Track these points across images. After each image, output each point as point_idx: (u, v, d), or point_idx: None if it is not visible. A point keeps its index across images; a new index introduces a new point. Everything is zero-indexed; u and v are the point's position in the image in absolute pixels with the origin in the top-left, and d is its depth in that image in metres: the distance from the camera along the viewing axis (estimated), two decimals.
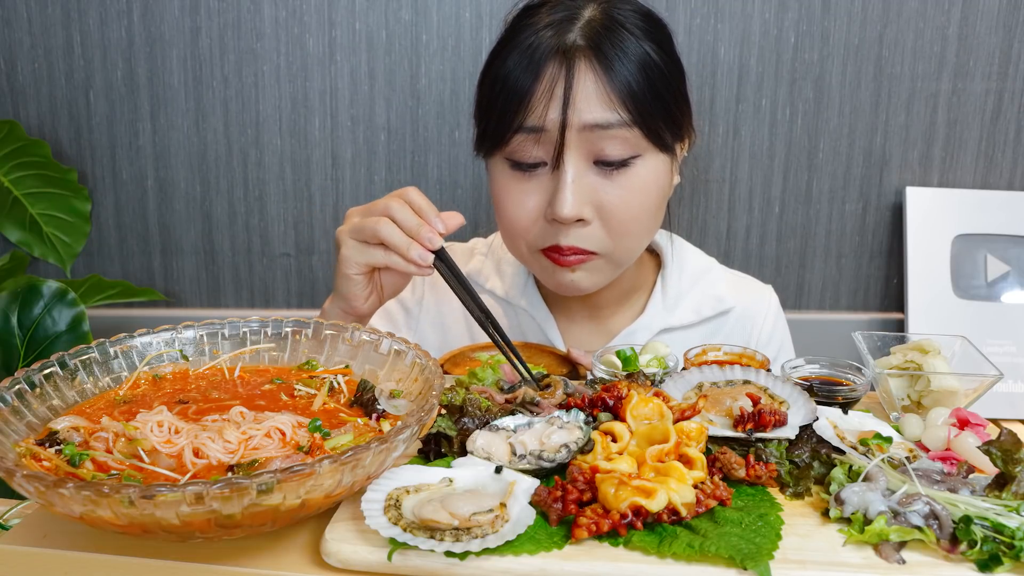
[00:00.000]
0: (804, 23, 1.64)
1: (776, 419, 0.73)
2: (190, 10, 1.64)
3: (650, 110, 0.98)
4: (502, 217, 1.06)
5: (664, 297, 1.20)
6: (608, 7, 1.00)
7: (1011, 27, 1.64)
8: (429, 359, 0.76)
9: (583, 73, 0.96)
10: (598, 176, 0.99)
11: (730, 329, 1.22)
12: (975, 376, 0.83)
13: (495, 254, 1.26)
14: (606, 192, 0.99)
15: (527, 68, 0.97)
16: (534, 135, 0.98)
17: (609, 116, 0.96)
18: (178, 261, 1.79)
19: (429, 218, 0.91)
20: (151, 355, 0.82)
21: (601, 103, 0.96)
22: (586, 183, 0.99)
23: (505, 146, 1.00)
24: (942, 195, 1.71)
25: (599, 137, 0.97)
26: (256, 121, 1.70)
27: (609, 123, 0.96)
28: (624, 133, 0.97)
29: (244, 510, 0.55)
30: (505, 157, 1.02)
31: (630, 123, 0.97)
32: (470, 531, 0.59)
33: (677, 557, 0.59)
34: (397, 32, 1.66)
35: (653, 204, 1.04)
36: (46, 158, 1.68)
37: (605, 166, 0.99)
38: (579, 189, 0.98)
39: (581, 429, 0.72)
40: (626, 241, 1.03)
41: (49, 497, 0.55)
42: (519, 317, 1.21)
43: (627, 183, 1.00)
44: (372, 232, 0.91)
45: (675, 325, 1.19)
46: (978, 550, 0.59)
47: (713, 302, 1.21)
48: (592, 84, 0.96)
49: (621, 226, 1.01)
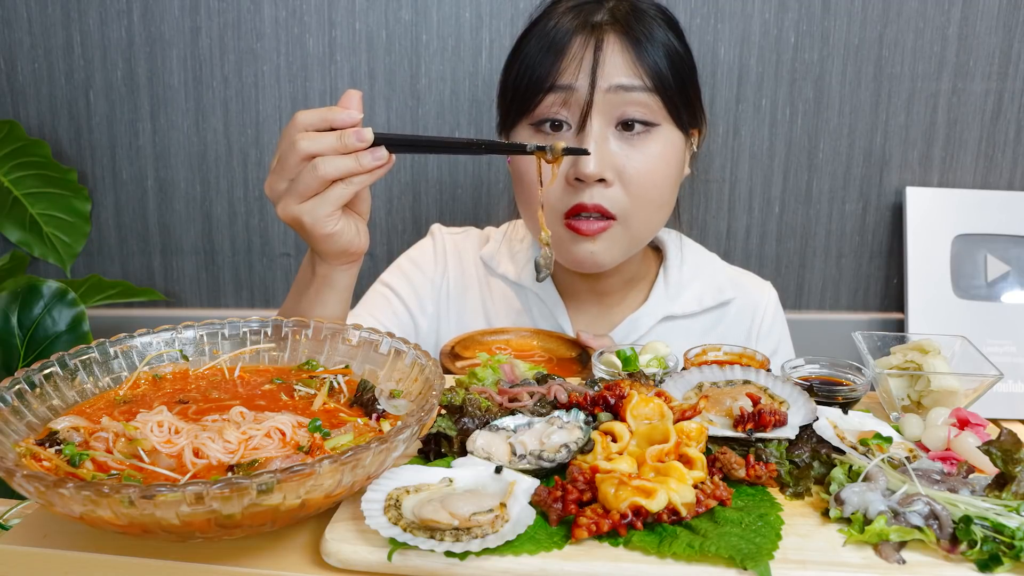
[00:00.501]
0: (804, 23, 1.64)
1: (776, 419, 0.73)
2: (190, 10, 1.64)
3: (671, 84, 1.05)
4: (524, 183, 1.09)
5: (667, 286, 1.24)
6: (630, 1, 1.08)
7: (1011, 27, 1.64)
8: (429, 359, 0.76)
9: (612, 43, 1.04)
10: (620, 141, 1.05)
11: (731, 320, 1.26)
12: (975, 376, 0.83)
13: (509, 241, 1.29)
14: (627, 156, 1.05)
15: (558, 39, 1.04)
16: (562, 95, 1.04)
17: (634, 80, 1.03)
18: (178, 261, 1.79)
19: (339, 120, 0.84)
20: (151, 355, 0.82)
21: (627, 69, 1.03)
22: (609, 146, 1.04)
23: (533, 110, 1.06)
24: (942, 195, 1.71)
25: (623, 100, 1.03)
26: (256, 121, 1.70)
27: (633, 86, 1.03)
28: (646, 99, 1.04)
29: (244, 510, 0.55)
30: (530, 123, 1.08)
31: (652, 90, 1.04)
32: (470, 531, 0.59)
33: (677, 557, 0.59)
34: (397, 32, 1.66)
35: (670, 175, 1.09)
36: (46, 158, 1.68)
37: (626, 130, 1.05)
38: (601, 149, 1.03)
39: (581, 429, 0.72)
40: (642, 208, 1.08)
41: (49, 497, 0.55)
42: (529, 301, 1.24)
43: (647, 149, 1.05)
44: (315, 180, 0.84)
45: (677, 313, 1.23)
46: (978, 550, 0.59)
47: (714, 292, 1.25)
48: (620, 53, 1.04)
49: (640, 190, 1.06)
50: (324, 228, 0.87)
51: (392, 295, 1.26)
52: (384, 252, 1.79)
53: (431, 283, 1.28)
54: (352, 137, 0.83)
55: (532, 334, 1.10)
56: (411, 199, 1.76)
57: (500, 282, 1.26)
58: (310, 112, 0.85)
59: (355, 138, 0.83)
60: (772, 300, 1.30)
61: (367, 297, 1.28)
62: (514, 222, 1.33)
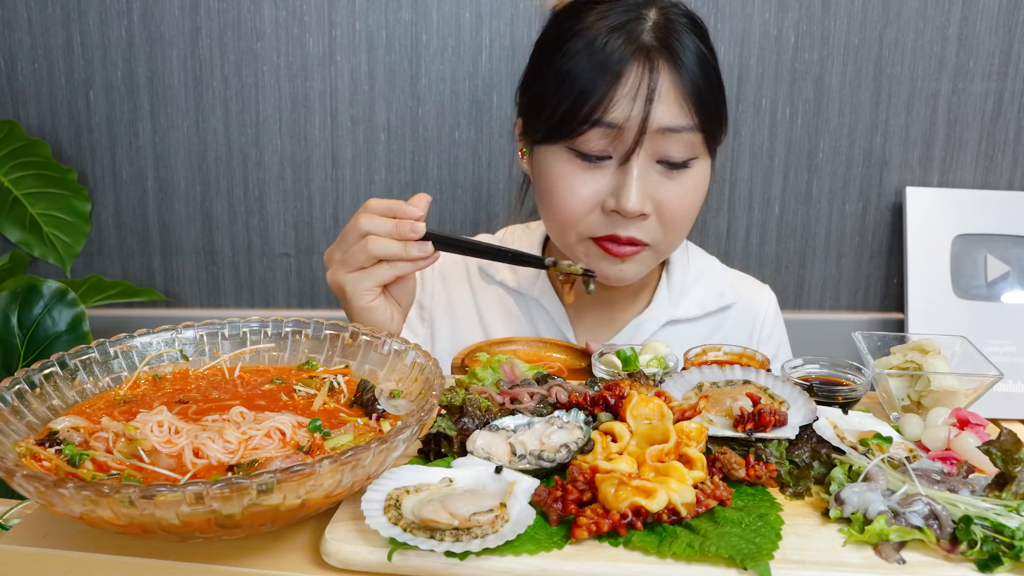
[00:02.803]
0: (804, 23, 1.64)
1: (776, 419, 0.73)
2: (190, 10, 1.64)
3: (711, 113, 1.04)
4: (557, 203, 1.07)
5: (669, 291, 1.24)
6: (665, 10, 1.05)
7: (1011, 27, 1.64)
8: (429, 359, 0.76)
9: (663, 75, 1.00)
10: (659, 175, 1.04)
11: (732, 324, 1.26)
12: (975, 376, 0.83)
13: None
14: (666, 190, 1.04)
15: (610, 66, 1.00)
16: (610, 131, 1.01)
17: (682, 121, 1.01)
18: (178, 261, 1.79)
19: (402, 212, 0.94)
20: (151, 355, 0.82)
21: (676, 107, 1.01)
22: (649, 180, 1.04)
23: (576, 138, 1.02)
24: (942, 195, 1.71)
25: (667, 139, 1.02)
26: (256, 121, 1.70)
27: (681, 127, 1.01)
28: (690, 137, 1.03)
29: (244, 510, 0.55)
30: (568, 147, 1.04)
31: (696, 128, 1.02)
32: (470, 531, 0.59)
33: (677, 557, 0.59)
34: (397, 32, 1.66)
35: (700, 202, 1.10)
36: (46, 158, 1.68)
37: (667, 166, 1.04)
38: (643, 185, 1.03)
39: (581, 429, 0.72)
40: (674, 235, 1.09)
41: (49, 497, 0.55)
42: (530, 308, 1.24)
43: (685, 182, 1.05)
44: (364, 255, 0.93)
45: (680, 318, 1.23)
46: (978, 550, 0.59)
47: (716, 297, 1.25)
48: (670, 86, 1.01)
49: (674, 221, 1.06)
50: (361, 300, 0.96)
51: None
52: None
53: (418, 305, 1.27)
54: (406, 227, 0.93)
55: (541, 344, 1.09)
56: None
57: (498, 289, 1.25)
58: (381, 200, 0.95)
59: (408, 228, 0.93)
60: (772, 304, 1.31)
61: None
62: (510, 228, 1.32)
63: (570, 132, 1.02)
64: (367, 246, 0.93)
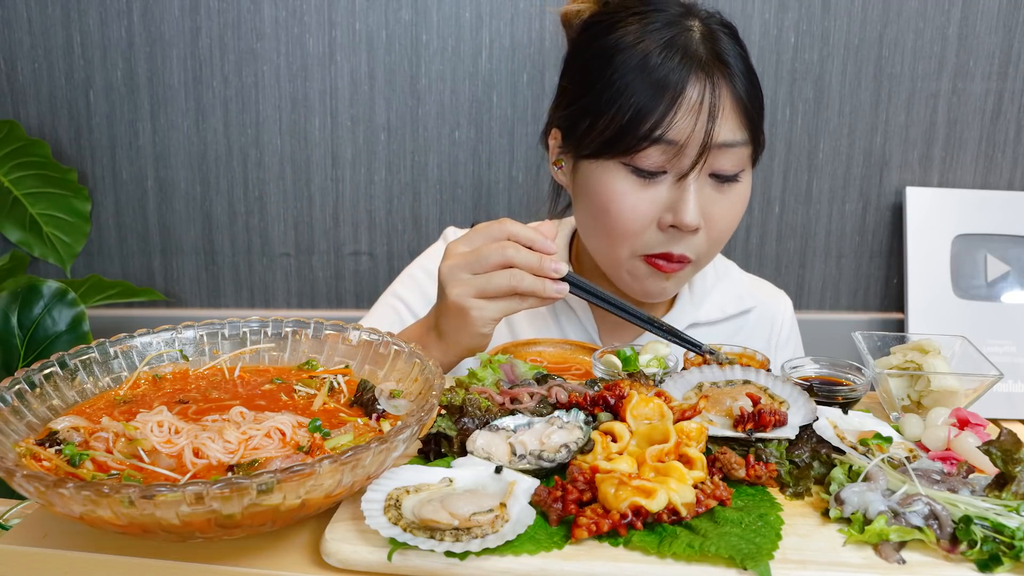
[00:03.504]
0: (804, 23, 1.64)
1: (776, 419, 0.73)
2: (190, 10, 1.64)
3: (759, 126, 1.05)
4: (614, 220, 1.05)
5: (691, 294, 1.24)
6: (706, 20, 1.04)
7: (1011, 27, 1.64)
8: (429, 359, 0.76)
9: (722, 90, 1.00)
10: (711, 189, 1.04)
11: (751, 329, 1.27)
12: (975, 376, 0.83)
13: None
14: (718, 204, 1.04)
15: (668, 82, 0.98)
16: (670, 148, 0.99)
17: (738, 136, 1.01)
18: (178, 261, 1.79)
19: (542, 246, 0.91)
20: (151, 355, 0.82)
21: (734, 121, 1.01)
22: (704, 194, 1.03)
23: (633, 154, 1.00)
24: (942, 195, 1.71)
25: (723, 154, 1.01)
26: (256, 121, 1.70)
27: (735, 142, 1.01)
28: (742, 151, 1.03)
29: (244, 510, 0.55)
30: (624, 163, 1.02)
31: (748, 142, 1.03)
32: (470, 531, 0.59)
33: (677, 557, 0.59)
34: (397, 32, 1.66)
35: (743, 214, 1.10)
36: (46, 158, 1.68)
37: (718, 180, 1.03)
38: (699, 200, 1.02)
39: (581, 429, 0.72)
40: (715, 249, 1.09)
41: (49, 497, 0.55)
42: (556, 307, 1.23)
43: (734, 195, 1.05)
44: (505, 285, 0.91)
45: (702, 320, 1.23)
46: (978, 550, 0.59)
47: (735, 300, 1.26)
48: (727, 101, 1.00)
49: (720, 235, 1.07)
50: (483, 328, 0.93)
51: (401, 306, 1.24)
52: (384, 252, 1.79)
53: None
54: (551, 266, 0.91)
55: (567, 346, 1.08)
56: (411, 199, 1.76)
57: None
58: (520, 226, 0.92)
59: (553, 268, 0.91)
60: (789, 310, 1.32)
61: (376, 308, 1.26)
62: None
63: (628, 148, 1.00)
64: (511, 279, 0.90)
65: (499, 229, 0.92)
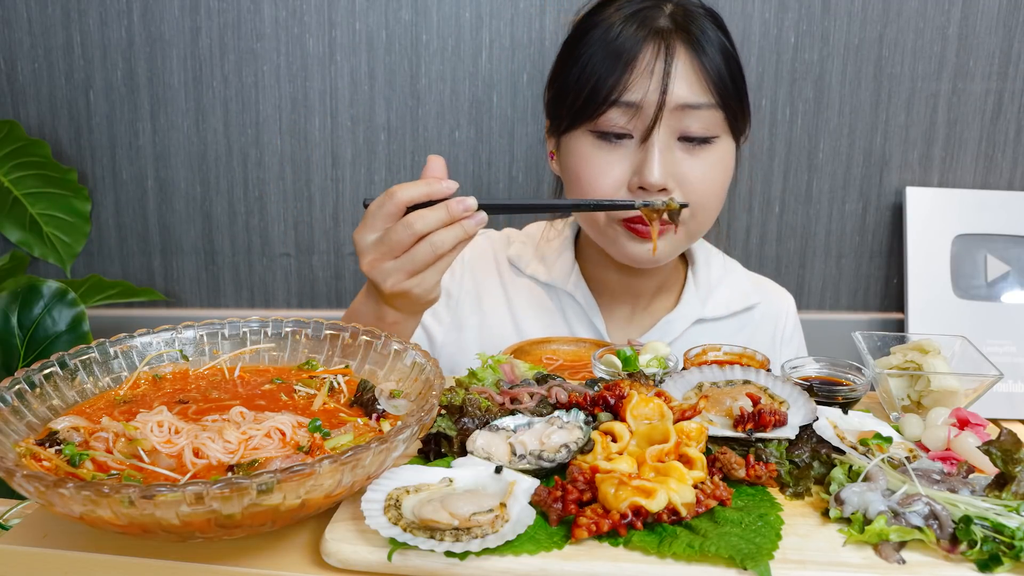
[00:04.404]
0: (804, 23, 1.64)
1: (776, 419, 0.73)
2: (190, 10, 1.64)
3: (731, 94, 1.06)
4: (584, 187, 1.09)
5: (697, 289, 1.25)
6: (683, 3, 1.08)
7: (1011, 27, 1.64)
8: (429, 359, 0.76)
9: (680, 57, 1.03)
10: (681, 151, 1.06)
11: (756, 325, 1.27)
12: (975, 376, 0.83)
13: (535, 242, 1.29)
14: (689, 166, 1.06)
15: (626, 48, 1.03)
16: (630, 110, 1.03)
17: (700, 98, 1.04)
18: (178, 261, 1.79)
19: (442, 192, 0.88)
20: (151, 355, 0.82)
21: (694, 84, 1.03)
22: (671, 156, 1.05)
23: (597, 119, 1.05)
24: (942, 195, 1.71)
25: (687, 115, 1.04)
26: (256, 121, 1.70)
27: (699, 104, 1.04)
28: (710, 114, 1.05)
29: (244, 510, 0.55)
30: (591, 131, 1.07)
31: (716, 105, 1.04)
32: (470, 531, 0.59)
33: (677, 557, 0.59)
34: (397, 32, 1.66)
35: (725, 182, 1.11)
36: (46, 158, 1.68)
37: (688, 142, 1.06)
38: (665, 160, 1.04)
39: (581, 429, 0.72)
40: (702, 214, 1.10)
41: (49, 497, 0.55)
42: (563, 301, 1.24)
43: (707, 158, 1.07)
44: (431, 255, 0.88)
45: (708, 316, 1.24)
46: (978, 550, 0.59)
47: (740, 297, 1.26)
48: (687, 64, 1.03)
49: (701, 199, 1.07)
50: (430, 295, 0.92)
51: None
52: None
53: (445, 293, 1.26)
54: (458, 208, 0.87)
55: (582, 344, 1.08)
56: None
57: (529, 282, 1.26)
58: (410, 187, 0.87)
59: (460, 208, 0.87)
60: (792, 308, 1.33)
61: None
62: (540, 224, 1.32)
63: (591, 115, 1.05)
64: (433, 248, 0.87)
65: (393, 204, 0.87)
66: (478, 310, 1.26)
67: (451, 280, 1.27)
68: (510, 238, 1.31)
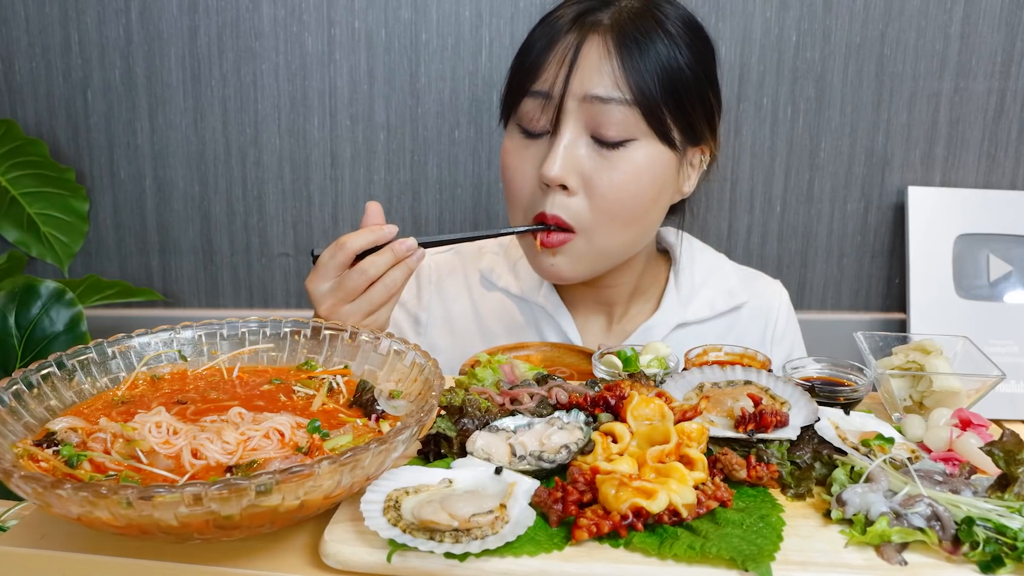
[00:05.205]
0: (805, 22, 1.64)
1: (777, 420, 0.72)
2: (188, 9, 1.64)
3: (656, 98, 1.00)
4: (506, 180, 1.09)
5: (678, 292, 1.21)
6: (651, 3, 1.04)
7: (1013, 26, 1.64)
8: (429, 359, 0.76)
9: (594, 47, 1.00)
10: (593, 151, 1.02)
11: (744, 325, 1.22)
12: (977, 376, 0.83)
13: (509, 254, 1.25)
14: (597, 166, 1.02)
15: (543, 37, 1.03)
16: (540, 101, 1.02)
17: (611, 92, 0.99)
18: (176, 261, 1.78)
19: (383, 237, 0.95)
20: (149, 355, 0.82)
21: (606, 76, 0.99)
22: (578, 153, 1.02)
23: (516, 111, 1.05)
24: (944, 195, 1.71)
25: (599, 111, 1.00)
26: (255, 120, 1.70)
27: (611, 98, 0.99)
28: (623, 112, 0.99)
29: (243, 511, 0.55)
30: (516, 123, 1.07)
31: (630, 103, 0.99)
32: (470, 532, 0.58)
33: (678, 558, 0.59)
34: (396, 31, 1.66)
35: (644, 192, 1.03)
36: (44, 157, 1.68)
37: (601, 144, 1.02)
38: (569, 155, 1.01)
39: (581, 430, 0.72)
40: (609, 224, 1.04)
41: (47, 498, 0.55)
42: (535, 314, 1.21)
43: (619, 162, 1.01)
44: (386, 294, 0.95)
45: (690, 320, 1.20)
46: (980, 551, 0.59)
47: (726, 296, 1.22)
48: (601, 59, 1.00)
49: (606, 203, 1.02)
50: (386, 327, 1.00)
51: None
52: None
53: (414, 320, 1.25)
54: (402, 248, 0.95)
55: (551, 348, 1.07)
56: (411, 199, 1.75)
57: (500, 296, 1.22)
58: (358, 237, 0.94)
59: (403, 248, 0.95)
60: (784, 301, 1.26)
61: None
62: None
63: (509, 104, 1.06)
64: (384, 289, 0.95)
65: (344, 254, 0.94)
66: (448, 332, 1.24)
67: (418, 307, 1.25)
68: (483, 249, 1.27)
